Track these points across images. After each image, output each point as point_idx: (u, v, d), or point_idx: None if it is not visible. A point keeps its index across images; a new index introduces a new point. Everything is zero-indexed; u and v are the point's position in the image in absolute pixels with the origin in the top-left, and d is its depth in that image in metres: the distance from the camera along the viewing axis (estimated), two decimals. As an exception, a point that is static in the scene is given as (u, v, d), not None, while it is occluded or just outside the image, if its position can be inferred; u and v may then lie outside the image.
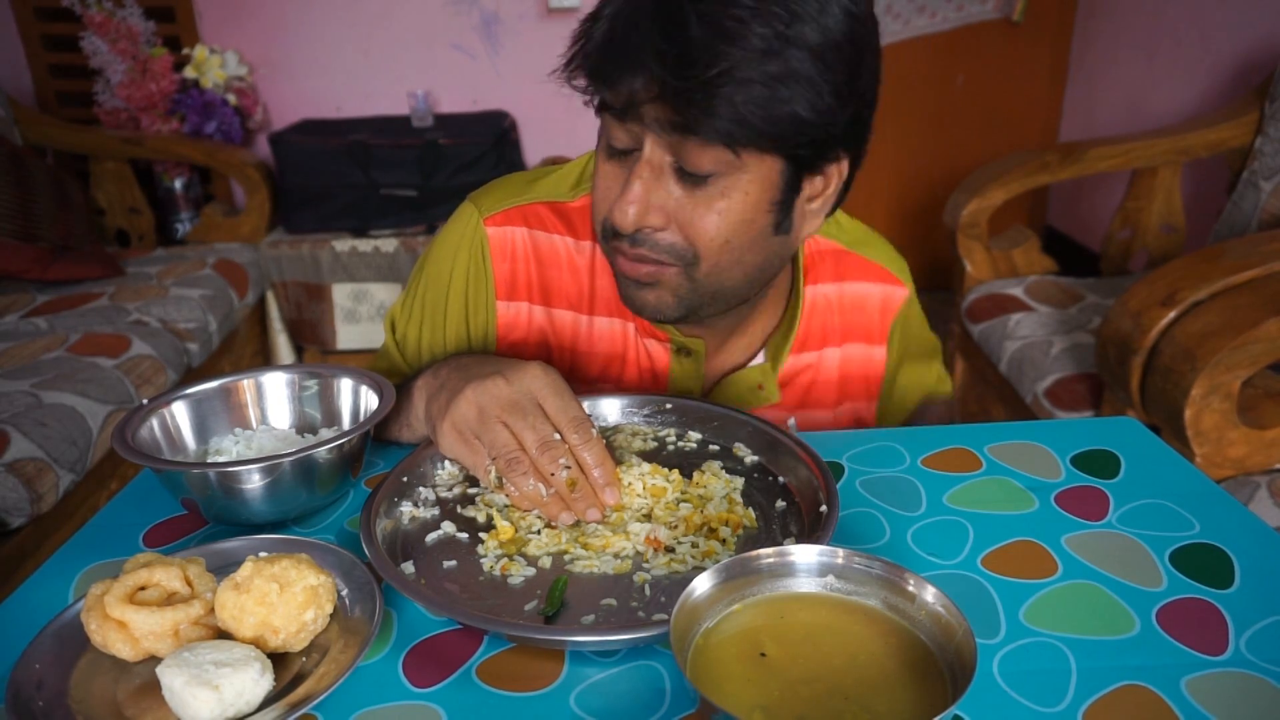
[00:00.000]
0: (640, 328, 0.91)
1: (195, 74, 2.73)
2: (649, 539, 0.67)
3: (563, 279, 0.92)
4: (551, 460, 0.69)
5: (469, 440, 0.71)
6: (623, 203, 0.74)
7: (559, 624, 0.59)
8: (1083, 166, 2.10)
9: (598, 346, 0.93)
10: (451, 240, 0.92)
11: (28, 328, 1.96)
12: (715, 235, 0.75)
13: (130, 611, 0.54)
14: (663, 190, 0.74)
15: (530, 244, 0.91)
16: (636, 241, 0.76)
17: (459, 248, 0.91)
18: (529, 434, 0.69)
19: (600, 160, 0.79)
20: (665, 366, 0.92)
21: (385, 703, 0.54)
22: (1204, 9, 2.40)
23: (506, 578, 0.64)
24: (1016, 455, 0.80)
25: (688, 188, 0.74)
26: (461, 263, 0.91)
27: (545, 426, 0.70)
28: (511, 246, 0.91)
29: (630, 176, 0.74)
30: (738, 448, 0.80)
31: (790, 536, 0.69)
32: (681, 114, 0.68)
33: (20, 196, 2.16)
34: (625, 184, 0.74)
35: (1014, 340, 1.87)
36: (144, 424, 0.73)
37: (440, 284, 0.92)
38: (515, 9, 2.85)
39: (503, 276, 0.91)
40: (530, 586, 0.63)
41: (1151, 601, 0.62)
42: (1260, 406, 1.41)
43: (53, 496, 1.50)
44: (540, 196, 0.92)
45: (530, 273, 0.91)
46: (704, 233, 0.75)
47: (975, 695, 0.54)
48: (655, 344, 0.92)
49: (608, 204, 0.77)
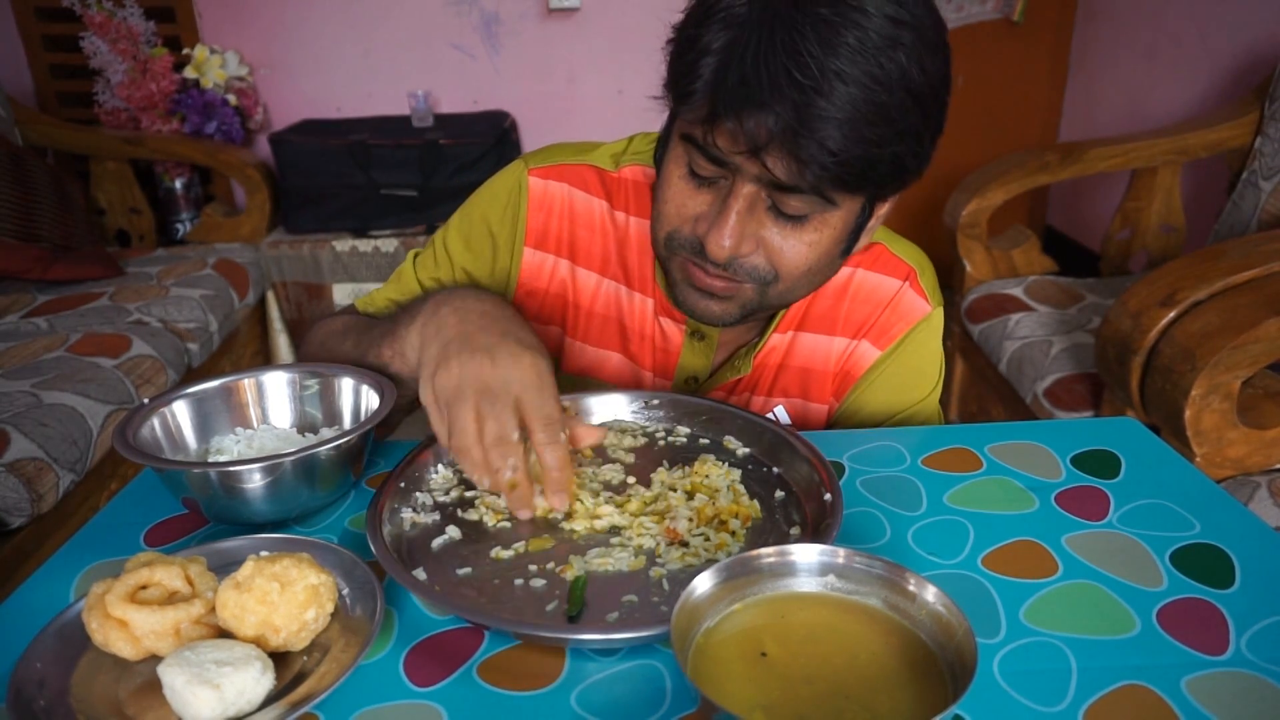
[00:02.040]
0: (659, 306, 0.92)
1: (195, 74, 2.73)
2: (667, 529, 0.67)
3: (593, 240, 0.94)
4: (500, 457, 0.68)
5: (439, 409, 0.70)
6: (718, 235, 0.73)
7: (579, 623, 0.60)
8: (1082, 166, 2.11)
9: (612, 312, 0.95)
10: (495, 184, 0.96)
11: (28, 328, 1.96)
12: (801, 264, 0.77)
13: (131, 610, 0.54)
14: (755, 221, 0.75)
15: (569, 200, 0.93)
16: (722, 265, 0.76)
17: (499, 190, 0.95)
18: (490, 425, 0.68)
19: (673, 176, 0.78)
20: (678, 346, 0.94)
21: (386, 701, 0.54)
22: (1204, 9, 2.40)
23: (528, 581, 0.64)
24: (1017, 455, 0.80)
25: (781, 223, 0.75)
26: (499, 204, 0.94)
27: (509, 422, 0.68)
28: (550, 200, 0.93)
29: (725, 210, 0.73)
30: (728, 440, 0.81)
31: (795, 526, 0.69)
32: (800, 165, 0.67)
33: (20, 196, 2.16)
34: (720, 216, 0.74)
35: (1014, 340, 1.87)
36: (145, 423, 0.73)
37: (473, 220, 0.95)
38: (515, 9, 2.85)
39: (535, 226, 0.93)
40: (550, 588, 0.63)
41: (1152, 601, 0.62)
42: (1260, 406, 1.41)
43: (53, 496, 1.50)
44: (589, 160, 0.94)
45: (562, 228, 0.94)
46: (791, 263, 0.77)
47: (976, 695, 0.54)
48: (671, 324, 0.93)
49: (681, 221, 0.78)
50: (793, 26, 0.65)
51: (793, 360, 0.94)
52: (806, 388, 0.95)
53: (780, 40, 0.65)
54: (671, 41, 0.74)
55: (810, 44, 0.64)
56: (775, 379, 0.95)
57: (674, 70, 0.73)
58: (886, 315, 0.93)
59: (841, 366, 0.95)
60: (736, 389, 0.95)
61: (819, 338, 0.94)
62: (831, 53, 0.64)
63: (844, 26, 0.65)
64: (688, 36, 0.71)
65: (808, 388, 0.95)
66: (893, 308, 0.93)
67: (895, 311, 0.93)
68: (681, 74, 0.71)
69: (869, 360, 0.94)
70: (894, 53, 0.66)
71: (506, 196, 0.94)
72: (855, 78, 0.65)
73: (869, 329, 0.93)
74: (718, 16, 0.68)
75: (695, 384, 0.95)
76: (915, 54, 0.67)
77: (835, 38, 0.65)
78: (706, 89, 0.69)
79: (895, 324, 0.93)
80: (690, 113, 0.72)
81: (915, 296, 0.93)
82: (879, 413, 0.95)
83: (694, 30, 0.70)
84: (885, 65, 0.66)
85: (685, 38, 0.71)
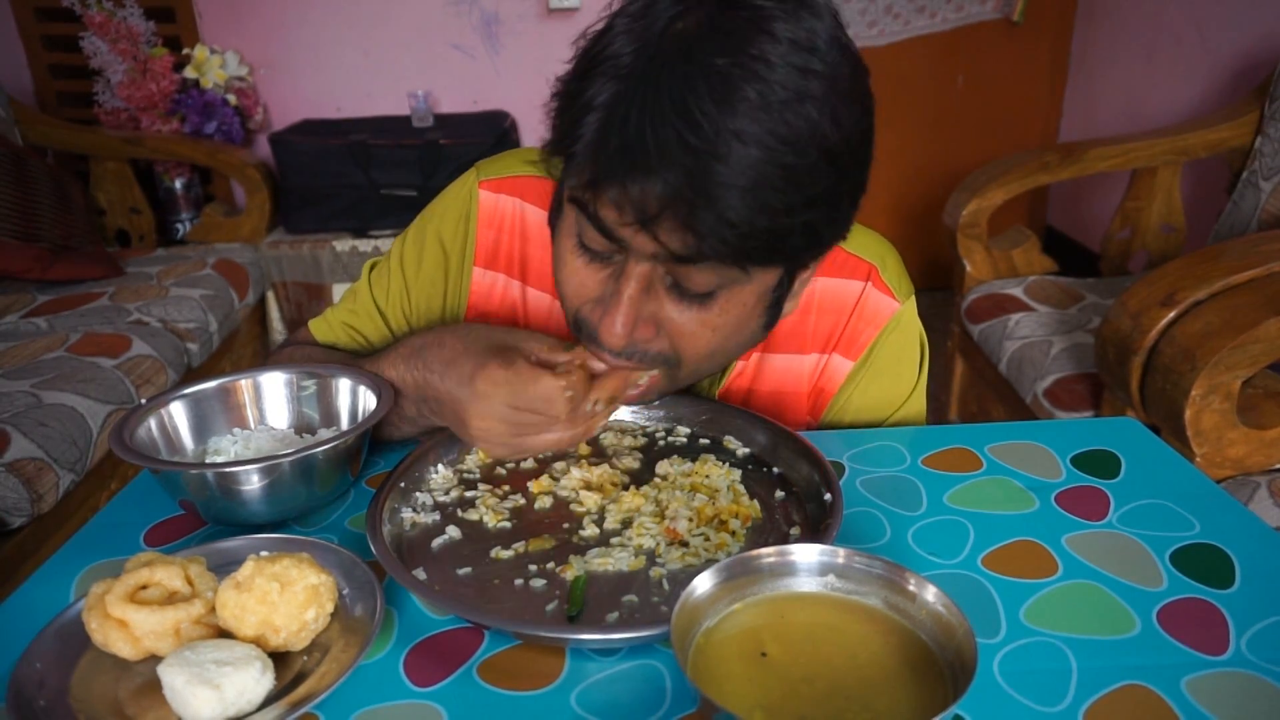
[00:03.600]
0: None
1: (195, 74, 2.73)
2: (667, 529, 0.67)
3: (545, 259, 0.87)
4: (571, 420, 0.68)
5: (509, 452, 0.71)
6: (610, 323, 0.66)
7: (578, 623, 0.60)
8: (1082, 166, 2.11)
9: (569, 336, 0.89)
10: (445, 199, 0.91)
11: (28, 328, 1.96)
12: (706, 347, 0.70)
13: (131, 610, 0.54)
14: (654, 303, 0.67)
15: (519, 216, 0.89)
16: (621, 354, 0.69)
17: (451, 204, 0.90)
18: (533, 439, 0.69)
19: (565, 249, 0.70)
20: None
21: (386, 701, 0.54)
22: (1204, 9, 2.40)
23: (528, 581, 0.64)
24: (1017, 455, 0.80)
25: (683, 302, 0.67)
26: (451, 217, 0.90)
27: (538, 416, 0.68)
28: (500, 215, 0.89)
29: (617, 294, 0.66)
30: (728, 440, 0.81)
31: (795, 526, 0.69)
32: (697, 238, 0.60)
33: (20, 196, 2.16)
34: (612, 301, 0.66)
35: (1014, 340, 1.87)
36: (142, 424, 0.73)
37: (426, 234, 0.91)
38: (515, 9, 2.85)
39: (485, 243, 0.89)
40: (550, 588, 0.63)
41: (1152, 601, 0.62)
42: (1260, 406, 1.41)
43: (53, 496, 1.50)
44: (543, 171, 0.85)
45: (513, 246, 0.89)
46: (695, 346, 0.70)
47: (976, 695, 0.54)
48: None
49: (581, 301, 0.70)
50: (684, 81, 0.57)
51: (761, 384, 0.89)
52: (779, 410, 0.90)
53: (669, 96, 0.57)
54: (555, 95, 0.65)
55: (704, 101, 0.56)
56: (744, 403, 0.89)
57: (556, 127, 0.65)
58: (854, 323, 0.87)
59: (815, 384, 0.89)
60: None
61: (788, 357, 0.88)
62: (729, 110, 0.56)
63: (743, 80, 0.57)
64: (571, 90, 0.63)
65: (781, 410, 0.90)
66: (858, 314, 0.86)
67: (861, 317, 0.87)
68: (564, 132, 0.63)
69: (842, 374, 0.88)
70: (801, 107, 0.58)
71: (459, 209, 0.89)
72: (757, 137, 0.57)
73: (837, 341, 0.87)
74: (602, 67, 0.60)
75: None
76: (828, 106, 0.59)
77: (733, 93, 0.57)
78: (589, 150, 0.61)
79: (863, 330, 0.87)
80: (573, 177, 0.64)
81: (879, 295, 0.86)
82: (859, 424, 0.91)
83: (577, 84, 0.62)
84: (792, 122, 0.58)
85: (568, 92, 0.63)
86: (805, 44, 0.59)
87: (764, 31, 0.58)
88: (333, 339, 0.94)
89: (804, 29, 0.59)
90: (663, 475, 0.75)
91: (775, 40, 0.58)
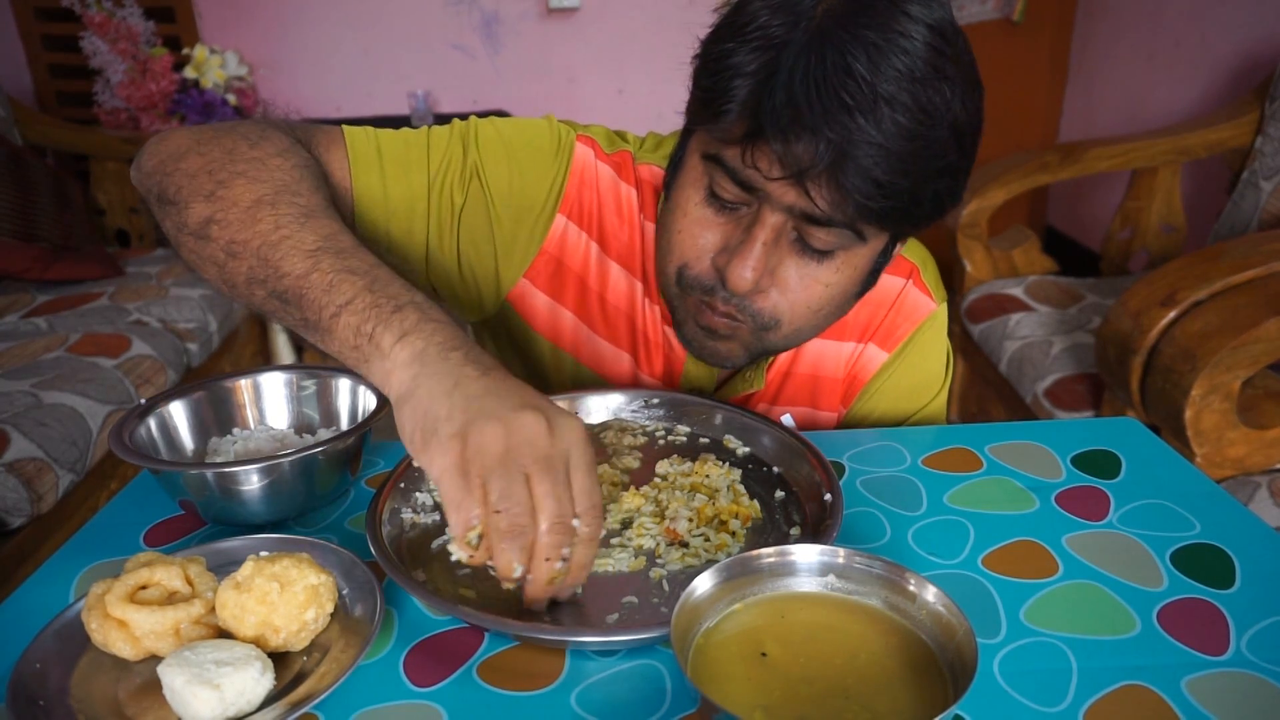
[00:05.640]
0: (665, 315, 0.88)
1: (195, 74, 2.73)
2: (667, 529, 0.67)
3: (620, 228, 0.87)
4: (554, 547, 0.55)
5: (471, 478, 0.54)
6: (741, 265, 0.69)
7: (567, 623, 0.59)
8: (1082, 166, 2.11)
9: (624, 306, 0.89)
10: (537, 136, 0.85)
11: (28, 328, 1.96)
12: (812, 306, 0.73)
13: (131, 611, 0.54)
14: (778, 254, 0.71)
15: (607, 180, 0.87)
16: (731, 301, 0.73)
17: (544, 143, 0.84)
18: (549, 504, 0.54)
19: (690, 201, 0.73)
20: (683, 356, 0.90)
21: (386, 702, 0.54)
22: (1204, 9, 2.40)
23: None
24: (1017, 455, 0.80)
25: (803, 258, 0.71)
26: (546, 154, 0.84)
27: (567, 504, 0.55)
28: (589, 173, 0.86)
29: (750, 239, 0.69)
30: (728, 440, 0.81)
31: (795, 526, 0.69)
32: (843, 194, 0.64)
33: (20, 196, 2.16)
34: (744, 245, 0.70)
35: (1014, 340, 1.87)
36: (141, 424, 0.73)
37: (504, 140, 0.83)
38: (515, 9, 2.85)
39: (571, 194, 0.85)
40: None
41: (1152, 601, 0.62)
42: (1260, 406, 1.41)
43: (53, 496, 1.50)
44: (622, 146, 0.89)
45: (594, 207, 0.87)
46: (803, 303, 0.73)
47: (976, 695, 0.54)
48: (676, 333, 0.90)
49: (696, 254, 0.73)
50: (844, 47, 0.62)
51: (800, 367, 0.92)
52: (815, 395, 0.93)
53: (831, 61, 0.61)
54: (698, 58, 0.69)
55: (862, 65, 0.61)
56: (782, 387, 0.93)
57: (704, 88, 0.68)
58: (892, 316, 0.90)
59: (849, 371, 0.92)
60: (748, 403, 0.93)
61: (827, 343, 0.91)
62: (882, 77, 0.61)
63: (891, 52, 0.62)
64: (720, 52, 0.66)
65: (817, 395, 0.93)
66: (897, 308, 0.90)
67: (900, 312, 0.90)
68: (715, 92, 0.66)
69: (876, 364, 0.91)
70: (939, 84, 0.63)
71: (554, 149, 0.85)
72: (905, 105, 0.62)
73: (875, 331, 0.91)
74: (751, 38, 0.64)
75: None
76: (959, 88, 0.65)
77: (884, 62, 0.61)
78: (744, 109, 0.65)
79: (900, 324, 0.91)
80: (721, 133, 0.67)
81: (919, 294, 0.91)
82: (887, 417, 0.93)
83: (729, 45, 0.66)
84: (932, 96, 0.63)
85: (717, 53, 0.67)
86: (938, 28, 0.64)
87: (903, 13, 0.64)
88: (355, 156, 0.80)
89: (934, 15, 0.65)
90: (662, 475, 0.75)
91: (914, 21, 0.63)
